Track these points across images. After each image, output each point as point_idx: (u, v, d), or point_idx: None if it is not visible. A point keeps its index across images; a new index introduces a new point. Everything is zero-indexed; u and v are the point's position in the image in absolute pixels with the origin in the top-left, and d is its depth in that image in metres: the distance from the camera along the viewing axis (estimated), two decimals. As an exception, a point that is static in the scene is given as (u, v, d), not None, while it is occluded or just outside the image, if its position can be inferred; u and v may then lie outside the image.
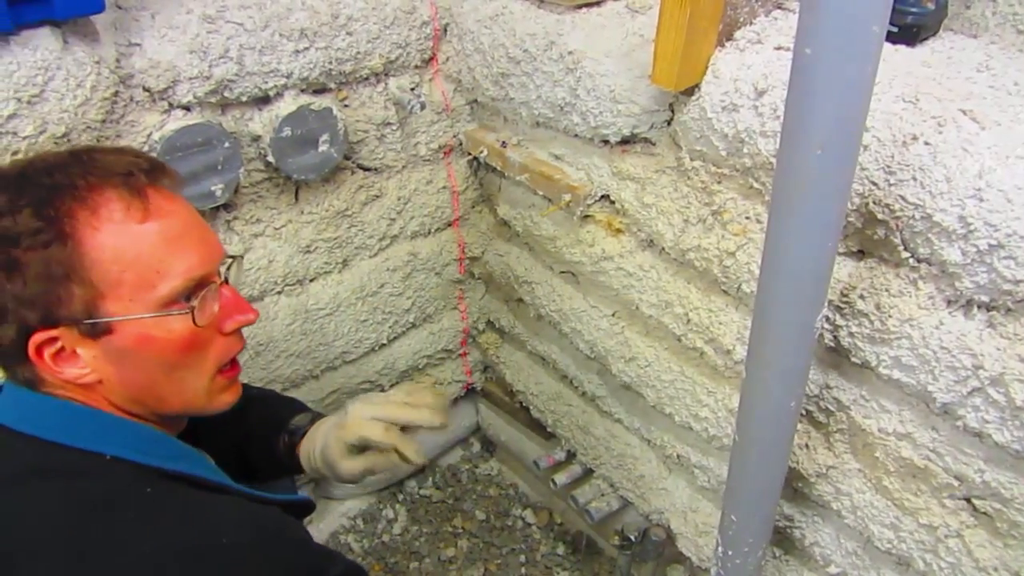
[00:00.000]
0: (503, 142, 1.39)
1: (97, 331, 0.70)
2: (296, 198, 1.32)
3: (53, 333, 0.68)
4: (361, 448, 0.92)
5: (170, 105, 1.11)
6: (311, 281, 1.39)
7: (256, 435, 1.02)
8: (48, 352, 0.69)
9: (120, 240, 0.69)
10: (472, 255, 1.61)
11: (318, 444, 0.94)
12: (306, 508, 0.89)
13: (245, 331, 1.33)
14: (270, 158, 1.20)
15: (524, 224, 1.44)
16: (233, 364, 0.82)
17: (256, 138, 1.21)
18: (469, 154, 1.46)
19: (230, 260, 0.83)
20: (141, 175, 0.71)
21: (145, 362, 0.73)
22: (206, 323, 0.75)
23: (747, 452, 0.91)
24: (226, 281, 0.81)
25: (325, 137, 1.24)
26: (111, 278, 0.69)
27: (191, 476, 0.74)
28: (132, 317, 0.70)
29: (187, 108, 1.13)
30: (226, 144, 1.14)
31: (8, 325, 0.68)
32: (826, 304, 0.80)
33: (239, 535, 0.69)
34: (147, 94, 1.09)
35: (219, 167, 1.15)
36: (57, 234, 0.67)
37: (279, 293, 1.35)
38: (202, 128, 1.11)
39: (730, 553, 1.03)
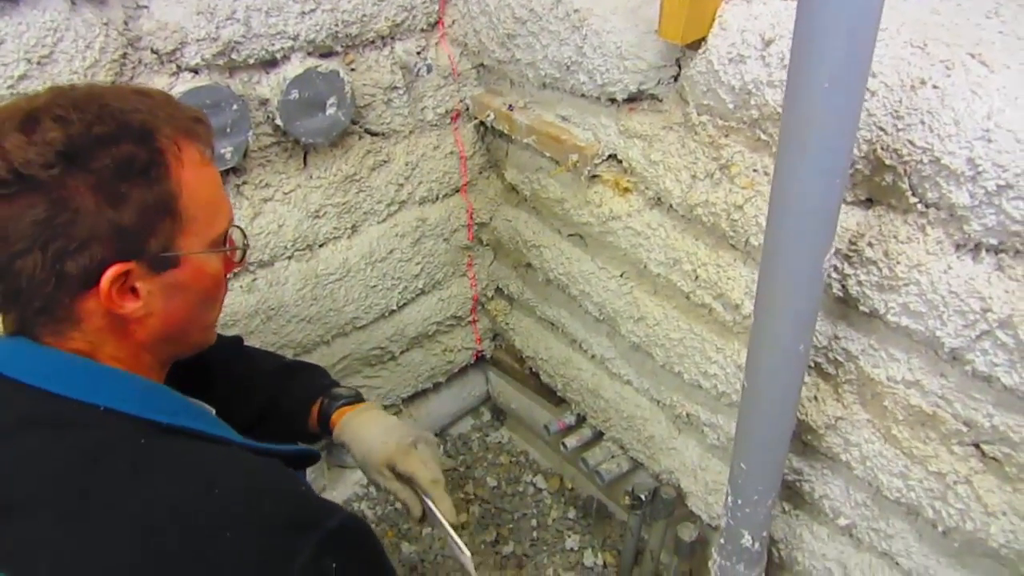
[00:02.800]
0: (510, 105, 1.39)
1: (165, 264, 0.72)
2: (305, 163, 1.32)
3: (129, 266, 0.69)
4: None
5: (178, 68, 1.12)
6: (321, 246, 1.40)
7: (291, 399, 1.07)
8: (116, 286, 0.69)
9: (198, 180, 0.73)
10: (480, 221, 1.62)
11: (370, 436, 1.00)
12: (310, 459, 0.90)
13: (257, 296, 1.35)
14: (278, 121, 1.21)
15: (532, 188, 1.45)
16: None
17: (264, 102, 1.21)
18: (476, 119, 1.46)
19: None
20: (204, 123, 0.76)
21: (191, 296, 0.76)
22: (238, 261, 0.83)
23: (756, 398, 0.92)
24: None
25: (332, 100, 1.24)
26: (190, 214, 0.72)
27: (189, 429, 0.74)
28: (199, 252, 0.74)
29: (195, 71, 1.13)
30: (234, 107, 1.15)
31: (87, 254, 0.67)
32: (834, 245, 0.80)
33: (232, 486, 0.69)
34: (155, 56, 1.09)
35: (228, 130, 1.16)
36: (164, 170, 0.69)
37: (289, 258, 1.36)
38: (210, 90, 1.12)
39: (739, 502, 1.04)
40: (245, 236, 0.85)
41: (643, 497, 1.43)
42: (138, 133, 0.68)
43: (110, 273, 0.68)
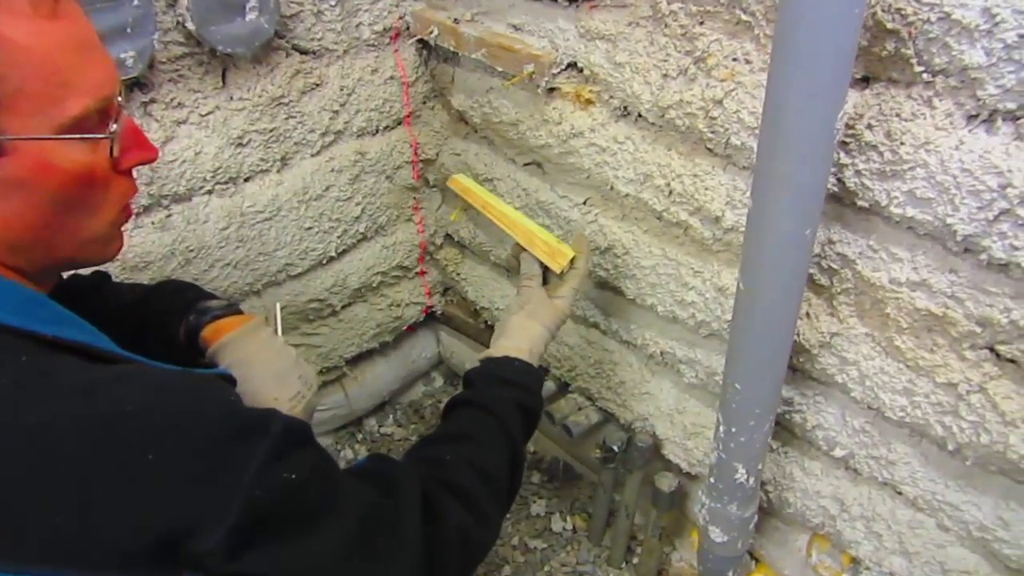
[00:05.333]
0: (455, 19, 1.25)
1: None
2: (224, 81, 1.16)
3: None
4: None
5: (63, -48, 0.95)
6: (246, 180, 1.23)
7: (157, 320, 0.89)
8: None
9: (24, 37, 0.55)
10: (426, 157, 1.47)
11: (262, 386, 0.83)
12: (227, 382, 0.74)
13: (173, 234, 1.18)
14: (190, 24, 1.04)
15: (483, 112, 1.31)
16: (127, 208, 0.71)
17: (172, 3, 1.05)
18: (416, 36, 1.32)
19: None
20: None
21: (38, 197, 0.60)
22: (119, 155, 0.65)
23: (755, 299, 0.81)
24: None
25: (253, 3, 1.09)
26: (10, 85, 0.55)
27: (76, 343, 0.60)
28: (36, 138, 0.57)
29: (85, -42, 0.96)
30: (135, 2, 0.98)
31: None
32: (849, 91, 0.69)
33: (148, 402, 0.56)
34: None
35: (128, 30, 0.99)
36: None
37: (209, 192, 1.19)
38: (104, -20, 0.95)
39: (733, 430, 0.92)
40: (131, 124, 0.68)
41: (616, 448, 1.31)
42: None
43: None
